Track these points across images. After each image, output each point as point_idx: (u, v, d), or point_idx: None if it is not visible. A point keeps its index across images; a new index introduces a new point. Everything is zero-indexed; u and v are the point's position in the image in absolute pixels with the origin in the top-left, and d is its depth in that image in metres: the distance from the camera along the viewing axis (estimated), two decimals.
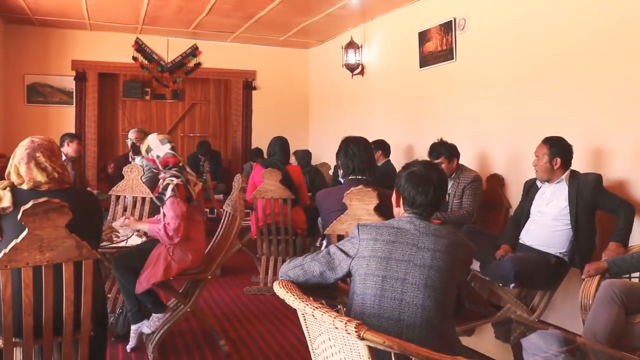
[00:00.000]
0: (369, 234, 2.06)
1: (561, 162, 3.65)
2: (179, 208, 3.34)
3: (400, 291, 1.94)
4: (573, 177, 3.66)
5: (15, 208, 2.33)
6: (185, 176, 3.47)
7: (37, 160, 2.48)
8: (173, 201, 3.34)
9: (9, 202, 2.37)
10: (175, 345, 3.81)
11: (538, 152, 3.75)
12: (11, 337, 2.30)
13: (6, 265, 2.19)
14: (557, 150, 3.65)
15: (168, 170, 3.50)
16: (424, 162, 2.23)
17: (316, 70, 9.14)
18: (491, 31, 5.00)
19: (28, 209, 2.17)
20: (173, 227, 3.32)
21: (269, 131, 6.61)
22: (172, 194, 3.34)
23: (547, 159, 3.67)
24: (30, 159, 2.48)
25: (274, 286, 1.95)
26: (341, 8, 6.48)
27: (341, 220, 3.10)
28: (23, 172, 2.48)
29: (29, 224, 2.19)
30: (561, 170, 3.67)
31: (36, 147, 2.52)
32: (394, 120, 6.67)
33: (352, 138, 3.60)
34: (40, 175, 2.47)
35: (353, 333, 1.50)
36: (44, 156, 2.49)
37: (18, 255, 2.20)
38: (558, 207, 3.67)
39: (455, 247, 2.02)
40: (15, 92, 7.75)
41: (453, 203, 4.48)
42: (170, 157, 3.52)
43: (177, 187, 3.37)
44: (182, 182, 3.42)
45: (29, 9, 6.78)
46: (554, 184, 3.72)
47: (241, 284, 5.33)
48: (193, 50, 8.54)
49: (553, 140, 3.71)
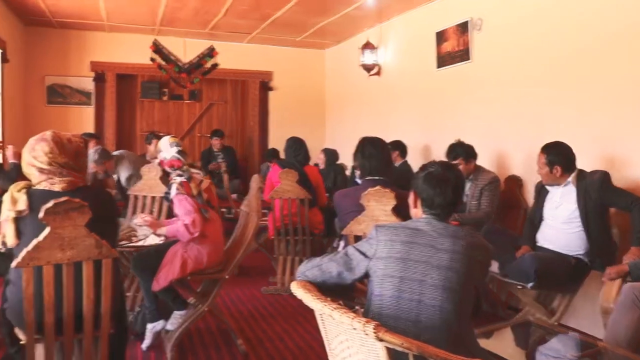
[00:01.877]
0: (387, 235, 2.05)
1: (562, 168, 3.59)
2: (188, 203, 3.49)
3: (418, 292, 1.93)
4: (580, 177, 3.59)
5: (31, 211, 2.36)
6: (189, 175, 3.62)
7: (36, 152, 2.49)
8: (181, 198, 3.50)
9: (24, 204, 2.39)
10: (193, 344, 3.84)
11: (538, 161, 3.70)
12: (33, 333, 2.34)
13: (28, 263, 2.23)
14: (555, 158, 3.59)
15: (173, 171, 3.64)
16: (441, 163, 2.22)
17: (332, 70, 9.14)
18: (507, 31, 4.96)
19: (50, 207, 2.20)
20: (190, 221, 3.45)
21: (285, 132, 6.61)
22: (177, 192, 3.51)
23: (547, 168, 3.62)
24: (31, 150, 2.51)
25: (292, 286, 1.95)
26: (357, 9, 6.48)
27: (358, 221, 3.10)
28: (27, 160, 2.51)
29: (50, 222, 2.22)
30: (565, 175, 3.61)
31: (42, 139, 2.53)
32: (411, 121, 6.65)
33: (369, 139, 3.60)
34: (38, 164, 2.48)
35: (371, 334, 1.50)
36: (42, 150, 2.49)
37: (40, 254, 2.24)
38: (568, 211, 3.61)
39: (473, 249, 2.00)
40: (36, 93, 7.86)
41: (471, 204, 4.45)
42: (175, 160, 3.65)
43: (182, 185, 3.53)
44: (185, 179, 3.56)
45: (48, 11, 6.86)
46: (562, 187, 3.66)
47: (258, 284, 5.34)
48: (210, 51, 8.57)
49: (550, 147, 3.65)
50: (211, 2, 6.40)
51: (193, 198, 3.53)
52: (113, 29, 7.93)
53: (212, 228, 3.62)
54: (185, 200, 3.49)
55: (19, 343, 2.51)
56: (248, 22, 7.35)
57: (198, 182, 3.64)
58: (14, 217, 2.38)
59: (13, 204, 2.39)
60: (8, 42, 6.52)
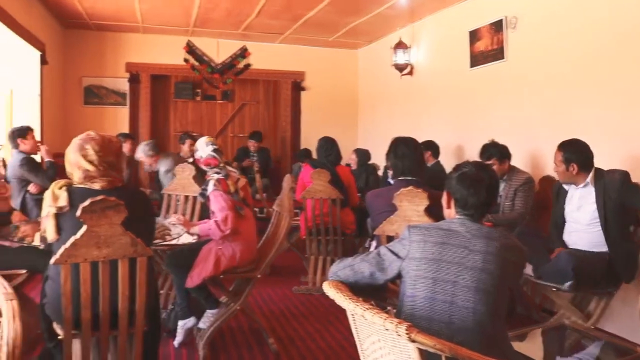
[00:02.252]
0: (420, 235, 2.04)
1: (578, 166, 3.50)
2: (223, 200, 3.53)
3: (451, 294, 1.92)
4: (599, 177, 3.48)
5: (71, 207, 2.41)
6: (226, 172, 3.66)
7: (86, 151, 2.55)
8: (216, 194, 3.55)
9: (65, 201, 2.45)
10: (225, 342, 3.87)
11: (555, 159, 3.63)
12: (70, 329, 2.40)
13: (66, 260, 2.28)
14: (572, 156, 3.51)
15: (210, 169, 3.69)
16: (475, 163, 2.20)
17: (365, 70, 9.12)
18: (543, 30, 4.88)
19: (87, 206, 2.25)
20: (222, 218, 3.49)
21: (317, 132, 6.62)
22: (214, 188, 3.56)
23: (564, 166, 3.55)
24: (79, 149, 2.56)
25: (324, 286, 1.95)
26: (390, 8, 6.45)
27: (391, 221, 3.09)
28: (72, 160, 2.56)
29: (87, 221, 2.27)
30: (582, 173, 3.52)
31: (88, 139, 2.59)
32: (444, 121, 6.60)
33: (402, 139, 3.58)
34: (87, 165, 2.53)
35: (404, 335, 1.49)
36: (93, 149, 2.55)
37: (77, 251, 2.29)
38: (589, 213, 3.51)
39: (507, 250, 1.98)
40: (73, 94, 8.05)
41: (504, 205, 4.39)
42: (211, 158, 3.71)
43: (219, 182, 3.58)
44: (223, 177, 3.61)
45: (86, 14, 7.01)
46: (580, 188, 3.57)
47: (290, 284, 5.36)
48: (242, 52, 8.65)
49: (566, 145, 3.58)
50: (244, 3, 6.45)
51: (229, 195, 3.57)
52: (147, 31, 8.06)
53: (246, 226, 3.67)
54: (220, 196, 3.54)
55: (57, 338, 2.58)
56: (280, 23, 7.39)
57: (235, 179, 3.69)
58: (54, 213, 2.44)
59: (54, 200, 2.45)
60: (47, 45, 6.68)
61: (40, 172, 4.85)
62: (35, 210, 4.77)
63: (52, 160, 5.07)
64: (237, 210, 3.60)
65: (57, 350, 2.65)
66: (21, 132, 4.87)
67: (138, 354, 2.59)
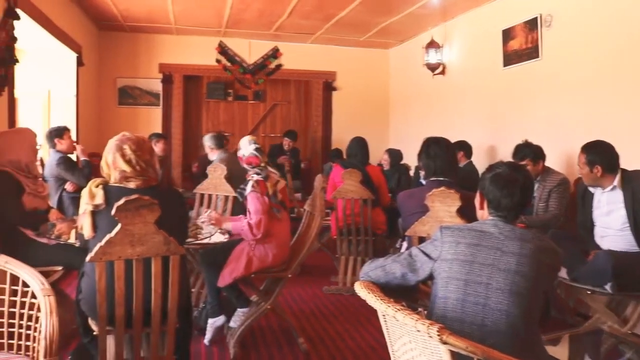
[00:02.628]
0: (452, 236, 2.02)
1: (602, 168, 3.41)
2: (259, 203, 3.51)
3: (483, 296, 1.89)
4: (626, 180, 3.39)
5: (108, 205, 2.46)
6: (266, 173, 3.62)
7: (124, 151, 2.60)
8: (253, 196, 3.52)
9: (101, 199, 2.50)
10: (255, 341, 3.90)
11: (579, 161, 3.55)
12: (105, 325, 2.44)
13: (101, 257, 2.33)
14: (595, 157, 3.42)
15: (252, 168, 3.67)
16: (509, 164, 2.17)
17: (396, 70, 9.08)
18: (579, 28, 4.79)
19: (121, 205, 2.28)
20: (255, 221, 3.49)
21: (349, 132, 6.63)
22: (252, 189, 3.53)
23: (587, 168, 3.46)
24: (117, 150, 2.61)
25: (356, 286, 1.95)
26: (421, 7, 6.41)
27: (423, 222, 3.07)
28: (110, 161, 2.61)
29: (121, 219, 2.31)
30: (608, 175, 3.43)
31: (125, 140, 2.64)
32: (476, 121, 6.53)
33: (434, 139, 3.55)
34: (124, 165, 2.58)
35: (435, 337, 1.48)
36: (130, 149, 2.61)
37: (112, 249, 2.33)
38: (619, 218, 3.41)
39: (542, 252, 1.95)
40: (108, 94, 8.20)
41: (538, 207, 4.33)
42: (253, 157, 3.69)
43: (257, 183, 3.54)
44: (262, 178, 3.57)
45: (121, 16, 7.14)
46: (607, 192, 3.47)
47: (320, 283, 5.36)
48: (274, 52, 8.69)
49: (590, 147, 3.50)
50: (275, 4, 6.48)
51: (266, 197, 3.56)
52: (180, 32, 8.16)
53: (281, 228, 3.67)
54: (257, 199, 3.52)
55: (92, 334, 2.64)
56: (312, 23, 7.40)
57: (274, 181, 3.66)
58: (91, 211, 2.49)
59: (91, 198, 2.50)
60: (83, 47, 6.82)
61: (77, 170, 4.95)
62: (71, 209, 4.87)
63: (87, 159, 5.17)
64: (274, 212, 3.61)
65: (92, 346, 2.71)
66: (58, 132, 4.97)
67: (170, 350, 2.63)
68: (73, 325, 3.65)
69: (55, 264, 3.56)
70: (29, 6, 4.79)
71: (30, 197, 3.72)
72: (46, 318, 2.07)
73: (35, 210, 3.76)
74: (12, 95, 4.52)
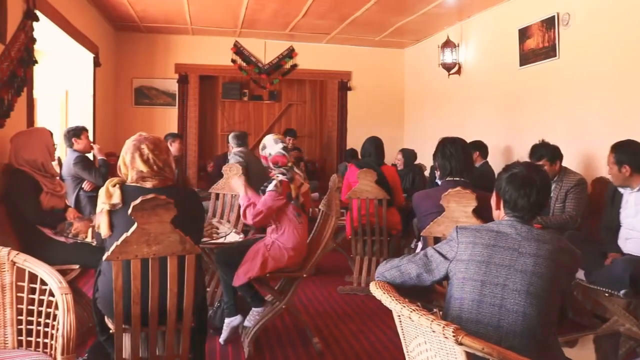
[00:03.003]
0: (468, 237, 2.01)
1: (631, 168, 3.41)
2: (272, 201, 3.49)
3: (500, 297, 1.88)
4: None
5: (124, 204, 2.48)
6: (292, 175, 3.60)
7: (142, 151, 2.62)
8: (271, 194, 3.50)
9: (118, 198, 2.53)
10: (270, 340, 3.90)
11: (608, 161, 3.55)
12: (121, 323, 2.46)
13: (118, 256, 2.34)
14: (623, 157, 3.42)
15: (277, 168, 3.65)
16: (525, 164, 2.15)
17: (412, 70, 9.05)
18: (598, 26, 4.73)
19: (137, 204, 2.30)
20: (254, 211, 3.49)
21: (364, 132, 6.62)
22: (273, 189, 3.51)
23: (616, 167, 3.45)
24: (135, 150, 2.63)
25: (371, 287, 1.94)
26: (437, 7, 6.38)
27: (438, 222, 3.05)
28: (128, 161, 2.63)
29: (138, 218, 2.33)
30: (636, 176, 3.43)
31: (142, 140, 2.66)
32: (493, 121, 6.49)
33: (450, 139, 3.53)
34: (142, 166, 2.60)
35: (451, 337, 1.47)
36: (148, 149, 2.63)
37: (128, 248, 2.35)
38: None
39: (559, 254, 1.93)
40: (124, 94, 8.27)
41: (555, 207, 4.29)
42: (280, 156, 3.67)
43: (281, 184, 3.53)
44: (287, 179, 3.55)
45: (137, 17, 7.19)
46: (635, 192, 3.45)
47: (335, 283, 5.36)
48: (289, 52, 8.71)
49: (619, 146, 3.49)
50: (291, 4, 6.49)
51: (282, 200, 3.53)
52: (196, 32, 8.20)
53: (300, 231, 3.64)
54: (272, 197, 3.49)
55: (108, 332, 2.66)
56: (327, 23, 7.40)
57: (299, 184, 3.63)
58: (108, 210, 2.51)
59: (108, 197, 2.53)
60: (100, 48, 6.88)
61: (94, 170, 4.99)
62: (88, 207, 4.91)
63: (104, 159, 5.21)
64: (295, 216, 3.60)
65: (109, 344, 2.73)
66: (76, 131, 5.02)
67: (185, 349, 2.64)
68: (90, 323, 3.70)
69: (73, 263, 3.60)
70: (47, 8, 4.84)
71: (48, 196, 3.76)
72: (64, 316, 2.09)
73: (52, 209, 3.80)
74: (31, 96, 4.58)
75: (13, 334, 2.38)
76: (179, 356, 2.64)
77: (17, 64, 4.09)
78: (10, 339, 2.38)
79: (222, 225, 4.15)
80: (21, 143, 3.72)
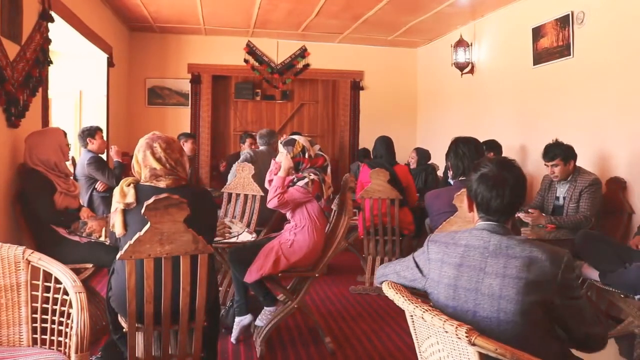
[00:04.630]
0: (437, 253, 1.91)
1: None
2: (300, 195, 3.52)
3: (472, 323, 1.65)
4: None
5: (139, 204, 2.49)
6: (323, 177, 3.62)
7: (154, 149, 2.64)
8: (300, 189, 3.52)
9: (132, 198, 2.54)
10: (282, 339, 3.91)
11: None
12: (134, 322, 2.48)
13: (131, 256, 2.36)
14: None
15: (309, 169, 3.64)
16: (496, 162, 1.96)
17: (424, 69, 9.02)
18: (613, 25, 4.68)
19: (150, 204, 2.31)
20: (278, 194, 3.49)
21: (376, 131, 6.60)
22: (304, 185, 3.52)
23: None
24: (147, 148, 2.65)
25: (383, 287, 1.94)
26: (450, 6, 6.35)
27: (451, 222, 3.03)
28: (140, 159, 2.65)
29: (151, 218, 2.34)
30: None
31: (155, 138, 2.68)
32: (506, 120, 6.45)
33: (462, 138, 3.52)
34: (155, 163, 2.62)
35: (464, 338, 1.47)
36: (160, 147, 2.64)
37: (141, 247, 2.36)
38: None
39: (529, 267, 1.73)
40: (137, 94, 8.31)
41: (569, 207, 4.25)
42: (321, 157, 3.70)
43: (312, 183, 3.54)
44: (319, 179, 3.57)
45: (150, 17, 7.22)
46: None
47: (347, 283, 5.36)
48: (302, 52, 8.71)
49: None
50: (303, 3, 6.49)
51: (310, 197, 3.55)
52: (209, 32, 8.22)
53: (318, 233, 3.65)
54: (300, 191, 3.51)
55: (121, 330, 2.68)
56: (339, 22, 7.39)
57: (328, 186, 3.65)
58: (122, 209, 2.53)
59: (122, 197, 2.54)
60: (114, 48, 6.92)
61: (107, 170, 5.03)
62: (101, 208, 4.94)
63: (119, 161, 5.25)
64: (317, 217, 3.61)
65: (122, 342, 2.75)
66: (90, 132, 5.05)
67: (197, 348, 2.65)
68: (103, 321, 3.73)
69: (87, 262, 3.63)
70: (62, 9, 4.88)
71: (62, 195, 3.80)
72: (78, 314, 2.10)
73: (66, 208, 3.84)
74: (46, 96, 4.61)
75: (28, 332, 2.40)
76: (191, 355, 2.66)
77: (33, 64, 4.13)
78: (25, 337, 2.40)
79: (234, 224, 4.16)
80: (35, 143, 3.75)
